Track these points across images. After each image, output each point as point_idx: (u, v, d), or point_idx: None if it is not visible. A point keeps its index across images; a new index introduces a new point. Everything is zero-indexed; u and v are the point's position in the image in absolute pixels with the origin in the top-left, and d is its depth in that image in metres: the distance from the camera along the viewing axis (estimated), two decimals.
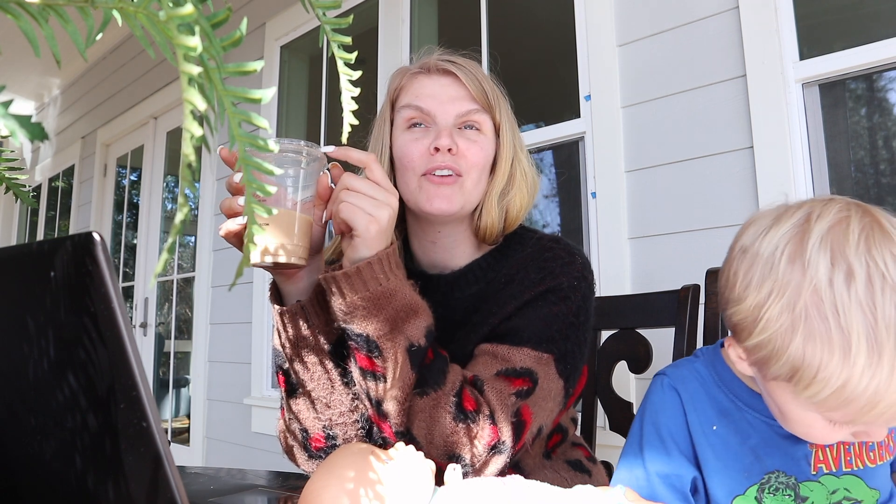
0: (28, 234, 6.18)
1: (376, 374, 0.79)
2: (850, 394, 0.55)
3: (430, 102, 0.92)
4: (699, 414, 0.73)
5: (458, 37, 2.76)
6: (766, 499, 0.70)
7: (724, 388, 0.73)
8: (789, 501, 0.70)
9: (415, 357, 0.78)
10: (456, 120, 0.92)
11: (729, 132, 1.67)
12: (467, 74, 0.93)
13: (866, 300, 0.55)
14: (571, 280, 0.89)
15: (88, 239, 0.40)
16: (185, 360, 4.27)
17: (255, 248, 0.77)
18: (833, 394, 0.56)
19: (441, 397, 0.78)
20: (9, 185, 0.68)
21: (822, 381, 0.57)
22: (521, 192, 0.95)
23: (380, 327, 0.77)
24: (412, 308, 0.79)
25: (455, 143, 0.90)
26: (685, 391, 0.74)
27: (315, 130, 3.21)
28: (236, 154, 0.82)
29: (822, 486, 0.69)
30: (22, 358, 0.44)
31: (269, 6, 3.27)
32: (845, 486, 0.69)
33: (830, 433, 0.62)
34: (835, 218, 0.60)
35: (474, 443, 0.78)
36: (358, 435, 0.90)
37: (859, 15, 1.94)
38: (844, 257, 0.57)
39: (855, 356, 0.55)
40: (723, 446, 0.71)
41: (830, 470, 0.70)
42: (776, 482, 0.70)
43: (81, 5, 0.38)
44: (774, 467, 0.70)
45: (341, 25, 0.54)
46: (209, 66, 0.36)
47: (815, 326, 0.57)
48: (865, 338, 0.55)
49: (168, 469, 0.39)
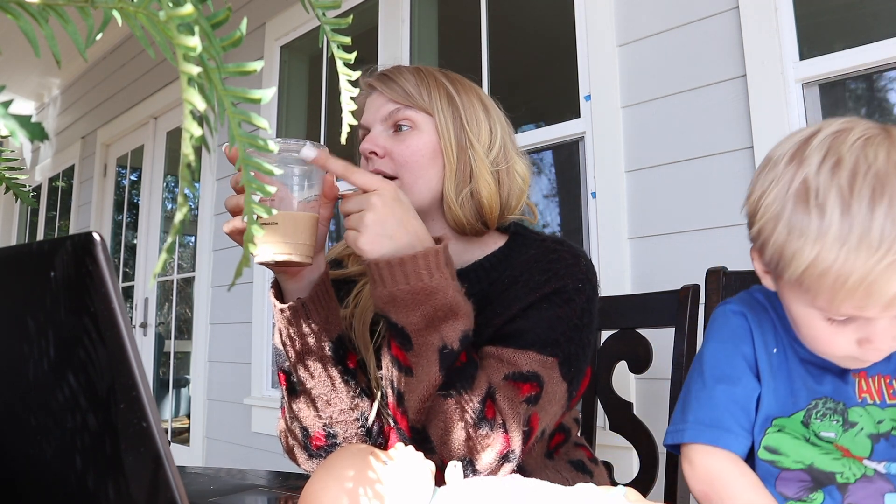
0: (28, 234, 6.18)
1: (403, 366, 0.80)
2: (822, 269, 0.59)
3: (366, 117, 0.96)
4: (764, 335, 0.75)
5: (457, 37, 2.76)
6: (814, 423, 0.71)
7: (783, 320, 0.75)
8: (837, 426, 0.70)
9: (444, 359, 0.78)
10: (384, 125, 0.94)
11: (729, 132, 1.67)
12: (384, 82, 0.95)
13: (847, 182, 0.59)
14: (576, 282, 0.89)
15: (88, 239, 0.40)
16: (185, 360, 4.27)
17: (257, 248, 0.77)
18: (807, 269, 0.60)
19: (465, 402, 0.78)
20: (9, 185, 0.69)
21: (797, 256, 0.60)
22: (483, 180, 0.93)
23: (415, 322, 0.77)
24: (451, 309, 0.78)
25: (378, 145, 0.92)
26: (752, 314, 0.77)
27: (315, 130, 3.21)
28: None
29: (869, 415, 0.70)
30: (22, 358, 0.44)
31: (269, 6, 3.27)
32: (891, 416, 0.70)
33: (835, 338, 0.65)
34: (842, 125, 0.64)
35: (487, 451, 0.78)
36: (358, 433, 0.90)
37: (859, 15, 1.94)
38: (837, 151, 0.61)
39: (826, 229, 0.58)
40: (779, 369, 0.74)
41: (874, 401, 0.70)
42: (824, 408, 0.71)
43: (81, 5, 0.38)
44: (823, 394, 0.71)
45: (341, 26, 0.54)
46: (209, 66, 0.36)
47: (797, 208, 0.61)
48: (839, 213, 0.58)
49: (168, 469, 0.39)
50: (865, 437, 0.69)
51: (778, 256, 0.64)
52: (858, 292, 0.58)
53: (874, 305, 0.59)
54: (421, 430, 0.80)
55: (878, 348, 0.64)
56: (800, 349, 0.73)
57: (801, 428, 0.71)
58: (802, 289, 0.63)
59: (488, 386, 0.80)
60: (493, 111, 0.98)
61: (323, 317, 0.86)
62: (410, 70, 0.96)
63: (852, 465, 0.69)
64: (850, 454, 0.70)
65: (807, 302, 0.65)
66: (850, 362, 0.69)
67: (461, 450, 0.78)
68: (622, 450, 1.36)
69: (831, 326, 0.64)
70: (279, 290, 0.88)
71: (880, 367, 0.71)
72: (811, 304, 0.64)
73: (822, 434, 0.70)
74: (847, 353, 0.66)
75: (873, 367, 0.71)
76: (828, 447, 0.70)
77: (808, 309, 0.65)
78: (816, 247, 0.59)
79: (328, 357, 0.87)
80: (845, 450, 0.70)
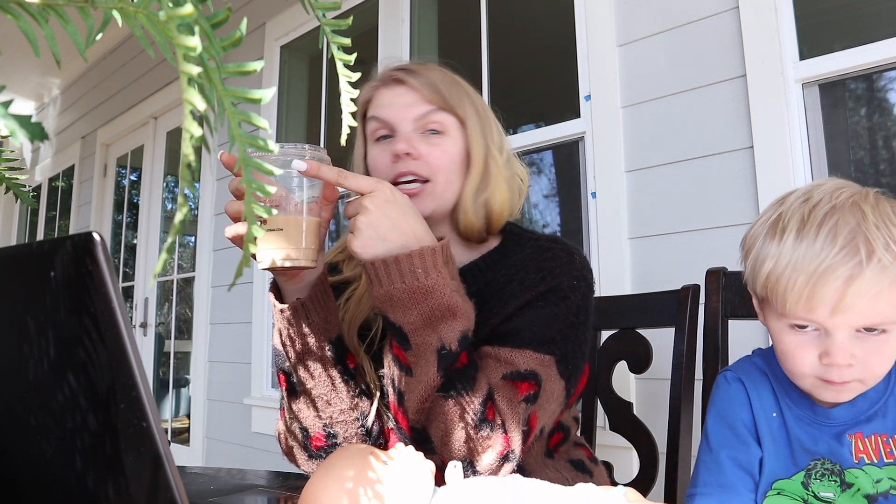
0: (28, 234, 6.18)
1: (403, 366, 0.80)
2: (778, 274, 0.69)
3: (389, 112, 0.93)
4: (762, 400, 0.80)
5: (457, 37, 2.76)
6: (813, 484, 0.75)
7: (779, 384, 0.80)
8: (835, 486, 0.73)
9: (443, 360, 0.78)
10: (415, 125, 0.92)
11: (729, 132, 1.67)
12: (417, 78, 0.93)
13: (808, 210, 0.70)
14: (571, 280, 0.89)
15: (88, 239, 0.40)
16: (185, 360, 4.27)
17: (263, 254, 0.77)
18: (768, 278, 0.70)
19: (465, 404, 0.78)
20: (9, 185, 0.69)
21: (762, 269, 0.71)
22: (499, 189, 0.95)
23: (412, 322, 0.77)
24: (450, 310, 0.78)
25: (414, 147, 0.90)
26: (749, 380, 0.82)
27: (315, 131, 3.21)
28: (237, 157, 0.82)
29: (867, 475, 0.72)
30: (22, 358, 0.44)
31: (269, 6, 3.27)
32: (889, 475, 0.72)
33: (800, 352, 0.71)
34: (832, 182, 0.74)
35: (487, 452, 0.78)
36: (358, 433, 0.90)
37: (859, 15, 1.94)
38: (811, 193, 0.72)
39: (784, 243, 0.69)
40: (779, 432, 0.78)
41: (872, 461, 0.73)
42: (822, 468, 0.74)
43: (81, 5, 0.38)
44: (820, 454, 0.75)
45: (341, 27, 0.54)
46: (209, 66, 0.36)
47: (768, 234, 0.72)
48: (796, 232, 0.69)
49: (168, 469, 0.39)
50: (862, 497, 0.72)
51: (754, 277, 0.73)
52: (805, 292, 0.67)
53: (821, 307, 0.67)
54: (421, 431, 0.80)
55: (836, 363, 0.68)
56: (798, 410, 0.78)
57: (800, 489, 0.75)
58: (769, 301, 0.72)
59: (489, 387, 0.80)
60: (493, 114, 1.00)
61: (322, 317, 0.86)
62: (435, 69, 0.95)
63: None
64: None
65: (775, 314, 0.73)
66: (820, 389, 0.73)
67: (462, 451, 0.78)
68: (622, 450, 1.36)
69: (797, 338, 0.71)
70: (278, 290, 0.88)
71: (877, 427, 0.74)
72: (777, 315, 0.72)
73: (821, 494, 0.73)
74: (812, 371, 0.71)
75: (869, 427, 0.74)
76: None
77: (777, 322, 0.73)
78: (775, 258, 0.70)
79: (328, 357, 0.87)
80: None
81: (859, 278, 0.65)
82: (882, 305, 0.67)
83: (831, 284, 0.66)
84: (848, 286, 0.65)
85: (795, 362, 0.73)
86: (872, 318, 0.67)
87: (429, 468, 0.68)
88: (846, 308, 0.66)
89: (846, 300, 0.66)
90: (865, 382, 0.71)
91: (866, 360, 0.69)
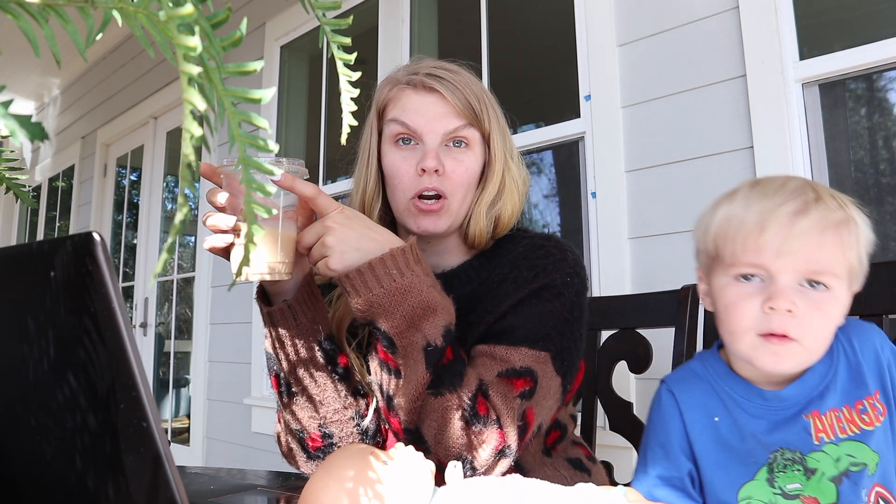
0: (28, 234, 6.18)
1: (391, 369, 0.80)
2: (727, 218, 0.72)
3: (417, 119, 0.92)
4: (698, 410, 0.77)
5: (457, 37, 2.76)
6: (778, 478, 0.72)
7: (721, 383, 0.78)
8: (800, 476, 0.71)
9: (430, 357, 0.78)
10: (443, 139, 0.92)
11: (729, 132, 1.67)
12: (452, 90, 0.91)
13: (755, 181, 0.74)
14: (564, 276, 0.89)
15: (88, 239, 0.40)
16: (185, 360, 4.27)
17: (232, 262, 0.77)
18: (718, 228, 0.72)
19: (455, 399, 0.78)
20: (9, 185, 0.69)
21: (712, 224, 0.73)
22: (511, 199, 0.96)
23: (396, 324, 0.78)
24: (429, 306, 0.79)
25: (441, 164, 0.90)
26: (681, 391, 0.79)
27: (315, 131, 3.21)
28: (218, 170, 0.81)
29: (827, 456, 0.71)
30: (22, 358, 0.44)
31: (269, 6, 3.27)
32: (847, 451, 0.71)
33: (745, 304, 0.71)
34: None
35: (483, 447, 0.78)
36: (354, 433, 0.90)
37: (859, 15, 1.94)
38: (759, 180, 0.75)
39: (733, 200, 0.73)
40: (726, 436, 0.75)
41: (831, 438, 0.71)
42: (782, 459, 0.72)
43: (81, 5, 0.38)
44: (778, 445, 0.72)
45: (341, 26, 0.54)
46: (209, 66, 0.36)
47: (721, 200, 0.75)
48: (744, 193, 0.73)
49: (168, 469, 0.39)
50: (828, 481, 0.70)
51: (705, 237, 0.75)
52: (755, 231, 0.69)
53: (768, 247, 0.68)
54: (414, 431, 0.80)
55: (778, 307, 0.68)
56: (747, 402, 0.75)
57: (767, 491, 0.72)
58: (719, 254, 0.73)
59: (478, 382, 0.81)
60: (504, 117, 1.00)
61: (310, 317, 0.86)
62: (465, 77, 0.94)
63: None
64: (815, 502, 0.70)
65: (721, 269, 0.73)
66: (760, 352, 0.70)
67: (456, 448, 0.78)
68: (622, 450, 1.36)
69: (741, 289, 0.71)
70: (266, 295, 0.88)
71: (830, 401, 0.72)
72: (726, 267, 0.72)
73: (787, 488, 0.71)
74: (754, 324, 0.70)
75: (824, 404, 0.72)
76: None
77: (723, 278, 0.73)
78: (727, 212, 0.73)
79: (318, 357, 0.87)
80: (813, 499, 0.70)
81: (805, 215, 0.67)
82: (826, 253, 0.68)
83: (779, 220, 0.67)
84: (794, 222, 0.67)
85: (738, 314, 0.71)
86: (816, 265, 0.68)
87: (429, 468, 0.68)
88: (792, 250, 0.67)
89: (792, 240, 0.67)
90: (805, 345, 0.70)
91: (807, 317, 0.68)
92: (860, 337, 0.76)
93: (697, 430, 0.77)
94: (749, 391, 0.76)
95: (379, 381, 0.82)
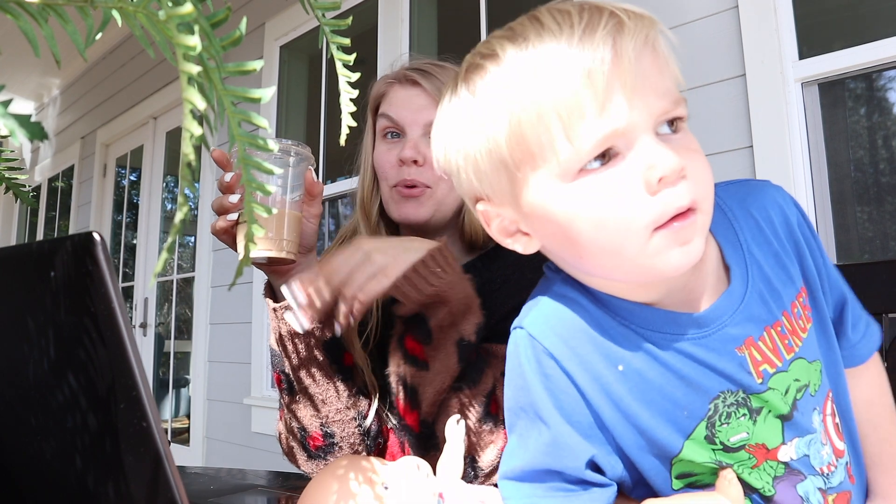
0: (28, 234, 6.18)
1: (418, 360, 0.79)
2: (541, 85, 0.48)
3: (401, 112, 0.93)
4: (590, 359, 0.55)
5: (458, 37, 2.76)
6: (720, 433, 0.55)
7: (609, 311, 0.56)
8: (746, 422, 0.55)
9: (463, 351, 0.78)
10: (424, 129, 0.92)
11: (729, 132, 1.67)
12: (433, 81, 0.92)
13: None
14: None
15: (88, 239, 0.40)
16: (185, 360, 4.27)
17: (238, 242, 0.78)
18: (526, 104, 0.49)
19: (473, 397, 0.78)
20: (9, 185, 0.68)
21: (494, 117, 0.50)
22: None
23: (441, 318, 0.77)
24: (471, 302, 0.79)
25: (421, 153, 0.90)
26: (557, 343, 0.56)
27: (315, 130, 3.21)
28: (229, 155, 0.82)
29: (775, 392, 0.55)
30: (22, 358, 0.44)
31: (269, 6, 3.27)
32: (794, 377, 0.56)
33: (620, 190, 0.49)
34: None
35: (489, 448, 0.78)
36: (356, 433, 0.90)
37: (858, 14, 1.94)
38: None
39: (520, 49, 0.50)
40: (641, 384, 0.55)
41: (776, 367, 0.56)
42: (725, 408, 0.55)
43: (81, 5, 0.38)
44: (717, 390, 0.55)
45: (340, 27, 0.54)
46: (209, 66, 0.36)
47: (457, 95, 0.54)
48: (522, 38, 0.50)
49: (168, 469, 0.39)
50: (774, 418, 0.56)
51: (495, 139, 0.51)
52: (587, 92, 0.48)
53: (613, 96, 0.48)
54: (431, 425, 0.80)
55: (667, 174, 0.48)
56: (659, 334, 0.55)
57: (706, 452, 0.55)
58: (535, 155, 0.50)
59: (494, 382, 0.81)
60: None
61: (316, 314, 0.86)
62: (452, 72, 0.92)
63: (768, 469, 0.57)
64: (765, 450, 0.56)
65: (548, 175, 0.50)
66: (665, 248, 0.49)
67: (467, 446, 0.78)
68: None
69: (598, 182, 0.49)
70: (273, 291, 0.88)
71: (766, 318, 0.56)
72: (560, 167, 0.49)
73: (731, 440, 0.55)
74: (646, 215, 0.48)
75: (758, 328, 0.56)
76: (742, 458, 0.56)
77: (555, 184, 0.50)
78: (520, 88, 0.49)
79: (322, 355, 0.87)
80: (760, 446, 0.56)
81: (623, 30, 0.49)
82: (667, 79, 0.51)
83: (602, 55, 0.48)
84: (617, 44, 0.48)
85: (625, 208, 0.48)
86: (667, 96, 0.50)
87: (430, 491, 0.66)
88: (639, 86, 0.48)
89: (632, 75, 0.48)
90: (705, 210, 0.51)
91: (690, 166, 0.50)
92: (757, 202, 0.59)
93: (597, 387, 0.55)
94: (656, 316, 0.55)
95: (402, 374, 0.81)
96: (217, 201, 0.80)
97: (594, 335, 0.56)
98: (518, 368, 0.58)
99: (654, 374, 0.55)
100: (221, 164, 0.82)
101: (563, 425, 0.55)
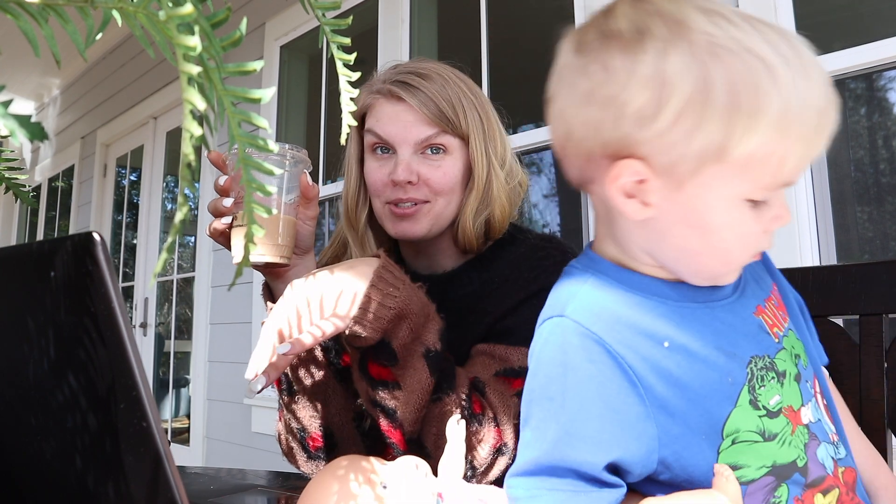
0: (28, 234, 6.19)
1: (388, 383, 0.76)
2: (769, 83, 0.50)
3: (389, 129, 0.89)
4: (636, 341, 0.56)
5: (458, 37, 2.76)
6: (760, 395, 0.56)
7: (635, 289, 0.58)
8: (776, 385, 0.57)
9: (432, 362, 0.76)
10: (416, 148, 0.89)
11: None
12: (418, 96, 0.88)
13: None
14: None
15: (88, 239, 0.40)
16: (185, 360, 4.27)
17: (233, 245, 0.78)
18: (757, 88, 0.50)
19: (452, 402, 0.77)
20: (9, 185, 0.69)
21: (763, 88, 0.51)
22: (500, 205, 0.92)
23: (403, 337, 0.74)
24: (428, 311, 0.77)
25: (414, 172, 0.88)
26: (604, 329, 0.56)
27: (315, 130, 3.21)
28: (225, 157, 0.82)
29: (787, 351, 0.60)
30: (22, 358, 0.44)
31: (269, 6, 3.27)
32: (791, 343, 0.61)
33: (753, 222, 0.53)
34: None
35: (480, 446, 0.78)
36: (355, 433, 0.90)
37: (859, 14, 1.94)
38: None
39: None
40: (688, 356, 0.56)
41: (782, 331, 0.61)
42: (758, 371, 0.57)
43: (81, 5, 0.38)
44: (749, 354, 0.57)
45: (340, 26, 0.54)
46: (209, 66, 0.36)
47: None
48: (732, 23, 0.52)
49: (168, 469, 0.39)
50: (793, 381, 0.59)
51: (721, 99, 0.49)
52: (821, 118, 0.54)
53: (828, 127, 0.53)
54: (416, 440, 0.79)
55: (782, 218, 0.54)
56: (692, 304, 0.58)
57: (752, 417, 0.56)
58: (737, 164, 0.50)
59: (470, 379, 0.80)
60: (496, 116, 0.96)
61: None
62: (438, 81, 0.90)
63: (800, 437, 0.58)
64: (793, 412, 0.58)
65: (738, 176, 0.51)
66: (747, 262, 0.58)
67: None
68: None
69: (752, 210, 0.53)
70: (271, 292, 0.88)
71: (760, 294, 0.63)
72: (742, 175, 0.51)
73: (771, 404, 0.57)
74: (757, 245, 0.55)
75: (759, 299, 0.62)
76: (782, 425, 0.57)
77: (721, 189, 0.52)
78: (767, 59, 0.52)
79: (320, 355, 0.87)
80: (790, 408, 0.58)
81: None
82: None
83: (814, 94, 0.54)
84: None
85: (738, 239, 0.55)
86: None
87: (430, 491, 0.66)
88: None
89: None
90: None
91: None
92: None
93: (648, 367, 0.55)
94: (668, 289, 0.58)
95: (375, 398, 0.77)
96: (212, 203, 0.80)
97: (637, 317, 0.57)
98: (558, 357, 0.57)
99: (697, 345, 0.56)
100: (218, 166, 0.81)
101: (596, 419, 0.55)
